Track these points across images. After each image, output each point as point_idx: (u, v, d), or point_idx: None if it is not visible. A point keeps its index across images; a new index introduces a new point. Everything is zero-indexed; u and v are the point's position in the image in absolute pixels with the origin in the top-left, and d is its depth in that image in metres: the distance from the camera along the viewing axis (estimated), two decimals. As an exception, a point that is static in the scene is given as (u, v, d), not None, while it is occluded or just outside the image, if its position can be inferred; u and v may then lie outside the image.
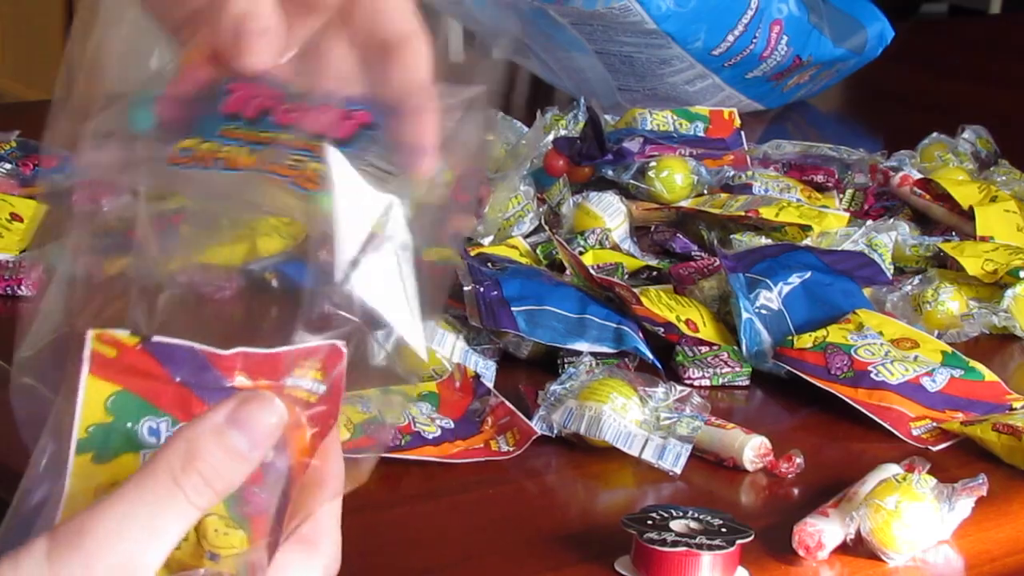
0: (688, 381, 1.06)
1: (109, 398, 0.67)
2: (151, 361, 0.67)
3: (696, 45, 1.64)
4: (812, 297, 1.13)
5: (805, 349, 1.07)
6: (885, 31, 1.77)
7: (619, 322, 1.07)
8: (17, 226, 1.24)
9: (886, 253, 1.24)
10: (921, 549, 0.88)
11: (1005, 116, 1.69)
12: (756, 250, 1.18)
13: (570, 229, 1.28)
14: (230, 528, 0.65)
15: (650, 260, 1.25)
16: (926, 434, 1.02)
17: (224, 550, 0.65)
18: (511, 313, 1.06)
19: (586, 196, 1.30)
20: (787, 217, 1.27)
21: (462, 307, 1.08)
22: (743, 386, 1.08)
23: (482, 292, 1.07)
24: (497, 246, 1.25)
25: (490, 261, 1.17)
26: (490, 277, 1.09)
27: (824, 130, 1.77)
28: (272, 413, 0.62)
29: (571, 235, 1.26)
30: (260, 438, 0.61)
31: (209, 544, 0.65)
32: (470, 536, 0.89)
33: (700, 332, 1.10)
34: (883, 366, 1.05)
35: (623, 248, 1.27)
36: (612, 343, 1.07)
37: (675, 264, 1.23)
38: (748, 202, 1.30)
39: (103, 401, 0.67)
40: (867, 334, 1.09)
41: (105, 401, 0.67)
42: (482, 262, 1.15)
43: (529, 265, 1.19)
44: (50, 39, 4.01)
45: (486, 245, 1.25)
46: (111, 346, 0.67)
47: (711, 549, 0.82)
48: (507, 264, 1.16)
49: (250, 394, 0.62)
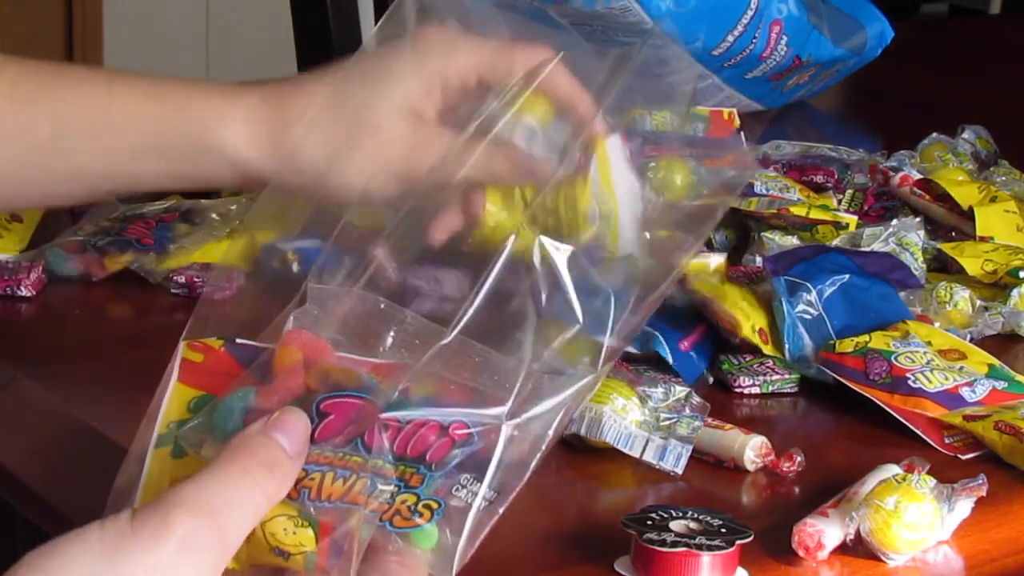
0: (739, 389, 1.07)
1: (192, 400, 0.72)
2: (232, 362, 0.73)
3: (696, 45, 1.64)
4: (851, 302, 1.12)
5: (846, 353, 1.07)
6: (885, 31, 1.77)
7: (656, 328, 1.07)
8: (17, 226, 1.24)
9: (917, 252, 1.23)
10: (921, 549, 0.88)
11: (1005, 116, 1.69)
12: (791, 252, 1.17)
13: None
14: (299, 527, 0.68)
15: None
16: (957, 442, 1.01)
17: (292, 548, 0.68)
18: None
19: None
20: (818, 215, 1.26)
21: None
22: (791, 393, 1.08)
23: None
24: None
25: None
26: None
27: (824, 130, 1.77)
28: (301, 419, 0.69)
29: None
30: (296, 437, 0.68)
31: (277, 542, 0.68)
32: (470, 536, 0.89)
33: (769, 343, 1.10)
34: (921, 374, 1.05)
35: None
36: (639, 345, 1.06)
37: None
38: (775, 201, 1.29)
39: (186, 403, 0.72)
40: (911, 342, 1.08)
41: (188, 403, 0.72)
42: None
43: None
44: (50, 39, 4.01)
45: None
46: (200, 352, 0.73)
47: (711, 549, 0.82)
48: None
49: (282, 410, 0.69)
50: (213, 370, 0.72)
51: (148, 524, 0.63)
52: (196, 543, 0.63)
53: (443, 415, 0.70)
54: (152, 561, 0.63)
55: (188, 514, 0.63)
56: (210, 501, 0.64)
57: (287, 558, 0.68)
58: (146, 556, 0.63)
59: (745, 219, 1.29)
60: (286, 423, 0.68)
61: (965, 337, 1.14)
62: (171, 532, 0.63)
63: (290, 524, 0.68)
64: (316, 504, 0.67)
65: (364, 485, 0.68)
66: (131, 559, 0.63)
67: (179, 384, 0.72)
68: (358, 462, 0.69)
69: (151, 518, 0.63)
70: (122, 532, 0.63)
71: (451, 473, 0.70)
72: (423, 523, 0.68)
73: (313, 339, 0.72)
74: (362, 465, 0.69)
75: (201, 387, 0.72)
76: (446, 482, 0.69)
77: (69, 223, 1.26)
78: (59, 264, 1.19)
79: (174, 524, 0.63)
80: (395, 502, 0.68)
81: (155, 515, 0.63)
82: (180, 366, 0.72)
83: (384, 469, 0.69)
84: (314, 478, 0.68)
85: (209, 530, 0.64)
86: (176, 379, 0.72)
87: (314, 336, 0.72)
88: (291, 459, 0.67)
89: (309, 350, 0.72)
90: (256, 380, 0.72)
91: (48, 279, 1.18)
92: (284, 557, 0.68)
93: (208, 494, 0.64)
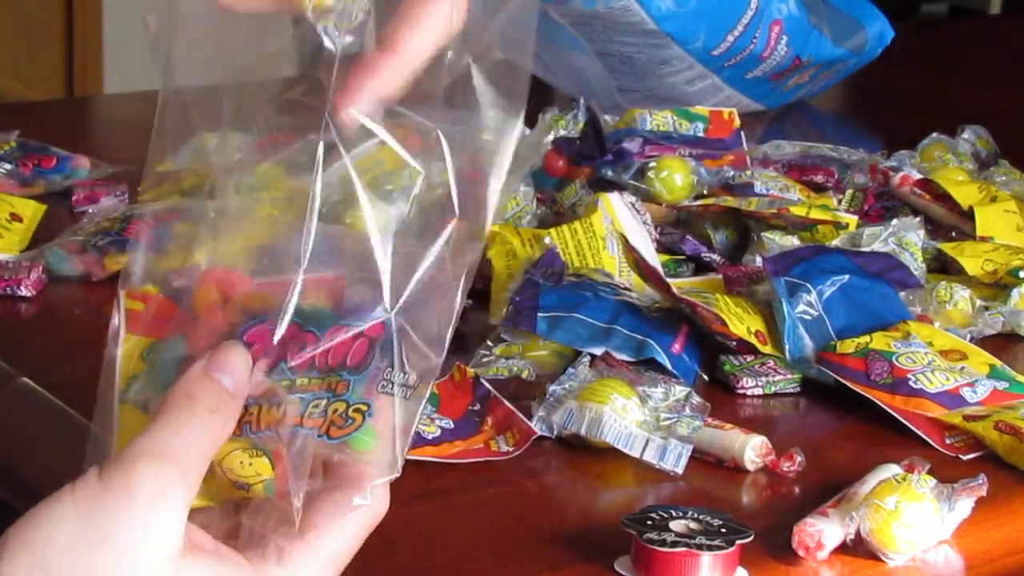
0: (742, 390, 1.07)
1: (145, 349, 0.73)
2: (171, 304, 0.73)
3: (696, 45, 1.64)
4: (851, 302, 1.12)
5: (847, 354, 1.07)
6: (885, 31, 1.77)
7: (646, 334, 1.07)
8: (17, 226, 1.24)
9: (917, 252, 1.23)
10: (921, 549, 0.88)
11: (1005, 116, 1.69)
12: (791, 252, 1.17)
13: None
14: (254, 458, 0.70)
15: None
16: (958, 443, 1.01)
17: (251, 479, 0.70)
18: (535, 317, 1.06)
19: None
20: (818, 215, 1.26)
21: None
22: (794, 393, 1.08)
23: (518, 300, 1.08)
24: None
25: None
26: (534, 288, 1.09)
27: (824, 130, 1.77)
28: (239, 353, 0.71)
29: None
30: (237, 374, 0.70)
31: (236, 476, 0.70)
32: (470, 536, 0.89)
33: (768, 343, 1.10)
34: (922, 374, 1.05)
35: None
36: (633, 352, 1.06)
37: (723, 266, 1.23)
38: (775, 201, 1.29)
39: (139, 352, 0.73)
40: (912, 343, 1.08)
41: (142, 352, 0.73)
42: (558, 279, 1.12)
43: (597, 282, 1.14)
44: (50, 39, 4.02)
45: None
46: (139, 300, 0.74)
47: (711, 549, 0.82)
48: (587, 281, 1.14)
49: (219, 347, 0.71)
50: (157, 314, 0.73)
51: (116, 479, 0.66)
52: (164, 489, 0.66)
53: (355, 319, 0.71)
54: (127, 515, 0.66)
55: (151, 463, 0.67)
56: (169, 448, 0.67)
57: (248, 489, 0.70)
58: (120, 512, 0.66)
59: (745, 219, 1.29)
60: (224, 362, 0.70)
61: (965, 337, 1.14)
62: (139, 484, 0.66)
63: (245, 456, 0.70)
64: (259, 435, 0.69)
65: (296, 407, 0.70)
66: (106, 517, 0.66)
67: (129, 335, 0.73)
68: (287, 385, 0.70)
69: (117, 474, 0.67)
70: (93, 492, 0.66)
71: (373, 372, 0.70)
72: (356, 429, 0.70)
73: (226, 273, 0.73)
74: (291, 387, 0.70)
75: (150, 334, 0.73)
76: (370, 383, 0.70)
77: (69, 223, 1.26)
78: (59, 264, 1.19)
79: (141, 475, 0.66)
80: (328, 413, 0.70)
81: (120, 470, 0.67)
82: (125, 317, 0.73)
83: (311, 386, 0.70)
84: (252, 412, 0.70)
85: (173, 475, 0.67)
86: (125, 331, 0.73)
87: (226, 270, 0.73)
88: (233, 397, 0.70)
89: (225, 286, 0.73)
90: (189, 319, 0.73)
91: (48, 279, 1.18)
92: (245, 489, 0.70)
93: (165, 443, 0.68)
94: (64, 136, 1.46)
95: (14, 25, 4.15)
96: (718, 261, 1.26)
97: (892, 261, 1.18)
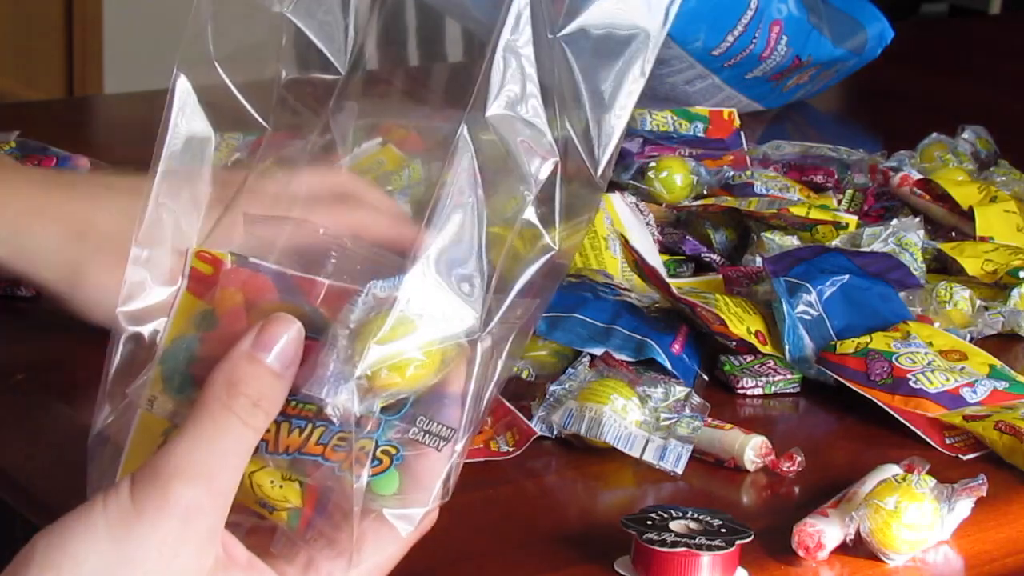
0: (742, 391, 1.07)
1: (198, 313, 0.70)
2: (242, 278, 0.70)
3: (696, 45, 1.64)
4: (851, 302, 1.12)
5: (847, 354, 1.07)
6: (885, 31, 1.77)
7: (646, 334, 1.07)
8: (17, 226, 1.24)
9: (917, 252, 1.23)
10: (921, 549, 0.88)
11: (1005, 116, 1.69)
12: (791, 252, 1.17)
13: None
14: (285, 482, 0.67)
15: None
16: (958, 443, 1.01)
17: (278, 503, 0.68)
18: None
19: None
20: (817, 215, 1.26)
21: None
22: (794, 393, 1.08)
23: None
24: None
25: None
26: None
27: (824, 130, 1.77)
28: (291, 328, 0.67)
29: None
30: (287, 353, 0.67)
31: (263, 494, 0.68)
32: (470, 536, 0.89)
33: (768, 343, 1.10)
34: (922, 374, 1.05)
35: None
36: (632, 352, 1.06)
37: (723, 266, 1.23)
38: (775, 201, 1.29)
39: (192, 316, 0.70)
40: (912, 343, 1.08)
41: (194, 316, 0.70)
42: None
43: (596, 282, 1.14)
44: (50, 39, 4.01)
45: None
46: (209, 264, 0.70)
47: (711, 549, 0.82)
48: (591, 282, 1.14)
49: (269, 318, 0.67)
50: (221, 285, 0.70)
51: (150, 499, 0.65)
52: (197, 511, 0.65)
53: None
54: (159, 538, 0.64)
55: (186, 484, 0.65)
56: (205, 463, 0.65)
57: (271, 511, 0.68)
58: (153, 534, 0.64)
59: (745, 219, 1.29)
60: (273, 337, 0.67)
61: (965, 337, 1.14)
62: (173, 506, 0.65)
63: (277, 476, 0.68)
64: (274, 457, 0.67)
65: (321, 434, 0.67)
66: (138, 539, 0.64)
67: (187, 293, 0.70)
68: (312, 410, 0.68)
69: (151, 492, 0.65)
70: (124, 510, 0.65)
71: (407, 416, 0.68)
72: (383, 471, 0.68)
73: (252, 277, 0.69)
74: (317, 413, 0.67)
75: (209, 302, 0.70)
76: (403, 425, 0.68)
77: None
78: (59, 264, 1.19)
79: (175, 497, 0.65)
80: (352, 449, 0.67)
81: (154, 489, 0.65)
82: (190, 275, 0.70)
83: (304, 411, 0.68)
84: (270, 430, 0.67)
85: (208, 496, 0.65)
86: (185, 288, 0.70)
87: (253, 273, 0.69)
88: (279, 378, 0.66)
89: (249, 289, 0.69)
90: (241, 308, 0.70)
91: (48, 279, 1.18)
92: (268, 510, 0.68)
93: (201, 455, 0.65)
94: (64, 136, 1.46)
95: (14, 25, 4.15)
96: (718, 261, 1.26)
97: (892, 261, 1.18)
